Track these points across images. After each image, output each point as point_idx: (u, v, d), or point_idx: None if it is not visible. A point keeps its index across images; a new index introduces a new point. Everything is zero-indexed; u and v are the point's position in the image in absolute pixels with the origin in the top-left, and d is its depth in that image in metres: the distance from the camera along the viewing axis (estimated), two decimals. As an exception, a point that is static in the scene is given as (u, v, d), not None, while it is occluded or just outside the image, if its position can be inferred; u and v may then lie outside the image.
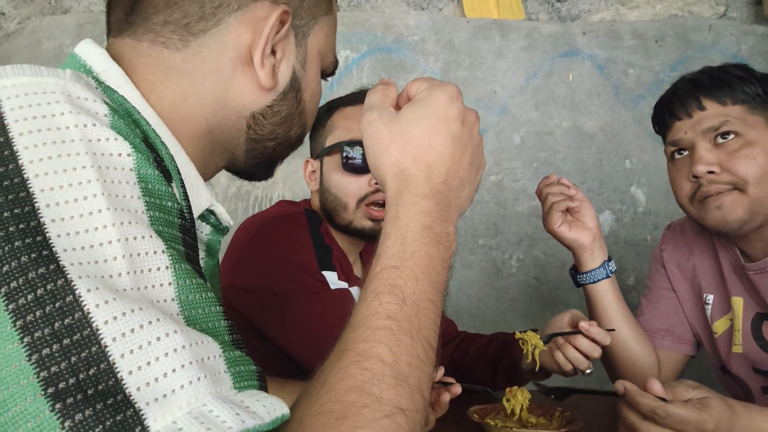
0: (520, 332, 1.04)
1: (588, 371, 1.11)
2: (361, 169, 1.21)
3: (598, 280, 1.19)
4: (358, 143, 1.19)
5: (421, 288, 0.51)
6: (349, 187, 1.22)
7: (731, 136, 1.06)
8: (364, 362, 0.46)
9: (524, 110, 2.30)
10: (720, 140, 1.07)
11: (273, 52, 0.59)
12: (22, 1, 2.53)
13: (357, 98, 1.28)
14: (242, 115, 0.60)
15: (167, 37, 0.57)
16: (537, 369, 1.02)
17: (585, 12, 2.42)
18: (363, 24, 2.36)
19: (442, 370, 1.03)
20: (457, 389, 1.01)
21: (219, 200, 2.37)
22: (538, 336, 1.04)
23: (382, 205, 1.21)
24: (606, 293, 1.20)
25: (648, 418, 0.84)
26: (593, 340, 1.08)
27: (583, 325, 1.07)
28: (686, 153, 1.12)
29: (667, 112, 1.15)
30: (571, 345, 1.09)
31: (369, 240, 1.28)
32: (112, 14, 0.60)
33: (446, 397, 0.99)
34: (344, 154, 1.21)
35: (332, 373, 0.46)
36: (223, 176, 2.39)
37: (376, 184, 1.21)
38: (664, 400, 0.84)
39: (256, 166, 0.67)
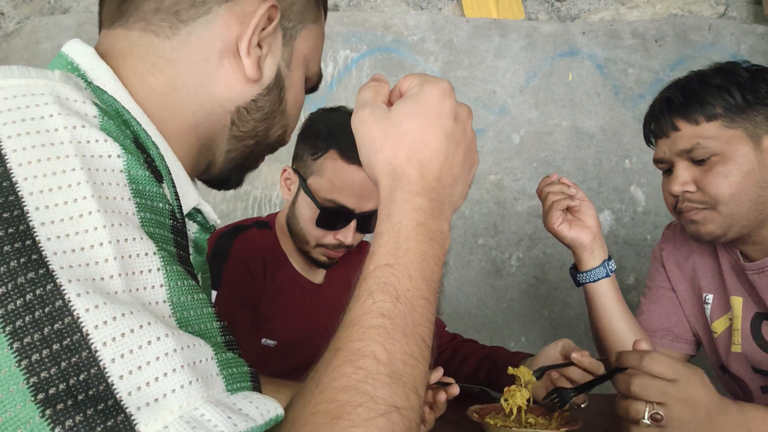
0: (513, 368, 1.04)
1: (583, 404, 1.11)
2: (331, 227, 1.26)
3: (598, 279, 1.19)
4: (336, 207, 1.24)
5: (415, 286, 0.51)
6: (315, 233, 1.27)
7: (705, 156, 1.07)
8: (358, 361, 0.46)
9: (524, 110, 2.30)
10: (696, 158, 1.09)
11: (261, 47, 0.60)
12: (21, 0, 2.52)
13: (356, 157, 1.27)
14: (227, 109, 0.60)
15: (158, 24, 0.57)
16: (531, 402, 1.02)
17: (584, 12, 2.42)
18: (362, 24, 2.36)
19: (440, 371, 1.03)
20: (455, 390, 1.01)
21: (218, 201, 2.37)
22: (531, 371, 1.04)
23: (337, 247, 1.28)
24: (606, 292, 1.20)
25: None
26: (586, 371, 1.08)
27: (575, 356, 1.08)
28: (670, 169, 1.14)
29: (649, 131, 1.18)
30: (564, 377, 1.09)
31: (321, 267, 1.35)
32: (105, 6, 0.61)
33: (443, 397, 0.99)
34: (320, 214, 1.24)
35: (326, 373, 0.46)
36: (223, 176, 2.39)
37: (339, 239, 1.26)
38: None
39: (231, 170, 0.67)
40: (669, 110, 1.11)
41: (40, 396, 0.35)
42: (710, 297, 1.24)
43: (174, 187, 0.53)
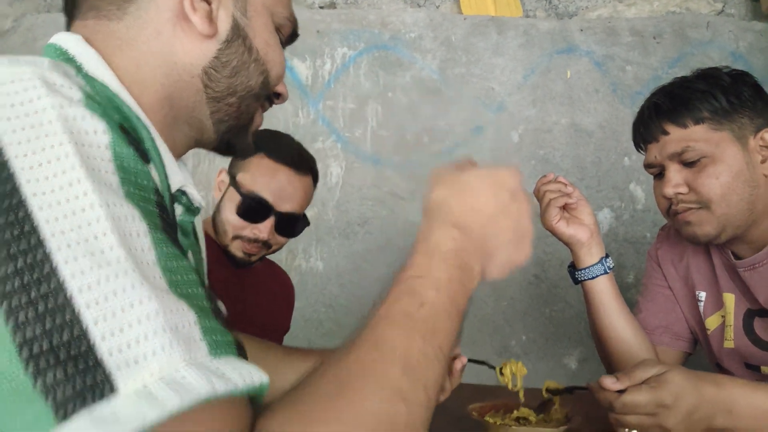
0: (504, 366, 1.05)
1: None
2: (250, 219, 1.32)
3: (596, 276, 1.20)
4: (257, 199, 1.31)
5: (441, 299, 0.53)
6: (235, 223, 1.34)
7: (696, 159, 1.10)
8: (374, 350, 0.48)
9: (522, 107, 2.30)
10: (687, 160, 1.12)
11: (209, 2, 0.61)
12: (18, -1, 2.51)
13: (286, 157, 1.34)
14: (194, 74, 0.61)
15: (106, 9, 0.59)
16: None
17: (582, 9, 2.41)
18: (360, 21, 2.35)
19: (457, 349, 1.05)
20: (464, 359, 1.05)
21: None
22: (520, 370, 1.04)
23: (254, 241, 1.33)
24: (604, 290, 1.20)
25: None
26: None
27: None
28: (662, 173, 1.16)
29: (638, 136, 1.21)
30: None
31: (238, 267, 1.39)
32: (65, 5, 0.63)
33: (458, 365, 1.02)
34: (241, 203, 1.31)
35: (340, 356, 0.48)
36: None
37: (255, 233, 1.32)
38: (622, 392, 0.87)
39: (230, 132, 0.67)
40: (657, 115, 1.14)
41: (25, 353, 0.37)
42: (703, 294, 1.26)
43: (164, 169, 0.55)
